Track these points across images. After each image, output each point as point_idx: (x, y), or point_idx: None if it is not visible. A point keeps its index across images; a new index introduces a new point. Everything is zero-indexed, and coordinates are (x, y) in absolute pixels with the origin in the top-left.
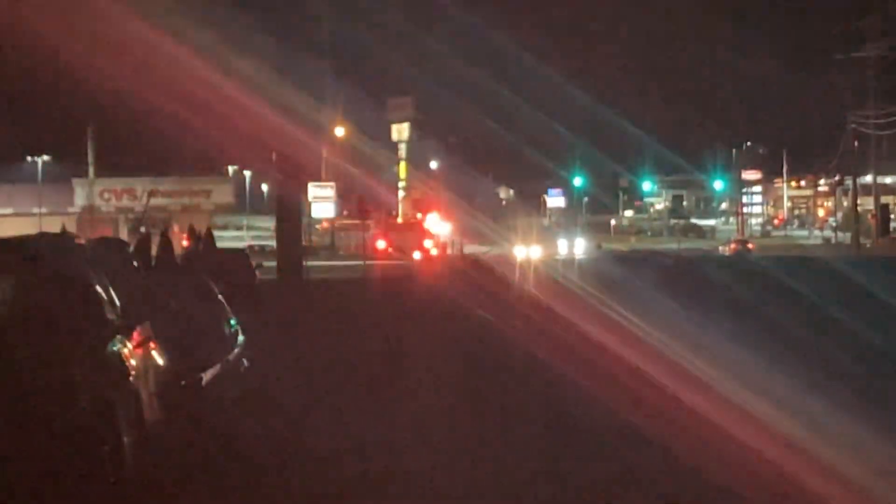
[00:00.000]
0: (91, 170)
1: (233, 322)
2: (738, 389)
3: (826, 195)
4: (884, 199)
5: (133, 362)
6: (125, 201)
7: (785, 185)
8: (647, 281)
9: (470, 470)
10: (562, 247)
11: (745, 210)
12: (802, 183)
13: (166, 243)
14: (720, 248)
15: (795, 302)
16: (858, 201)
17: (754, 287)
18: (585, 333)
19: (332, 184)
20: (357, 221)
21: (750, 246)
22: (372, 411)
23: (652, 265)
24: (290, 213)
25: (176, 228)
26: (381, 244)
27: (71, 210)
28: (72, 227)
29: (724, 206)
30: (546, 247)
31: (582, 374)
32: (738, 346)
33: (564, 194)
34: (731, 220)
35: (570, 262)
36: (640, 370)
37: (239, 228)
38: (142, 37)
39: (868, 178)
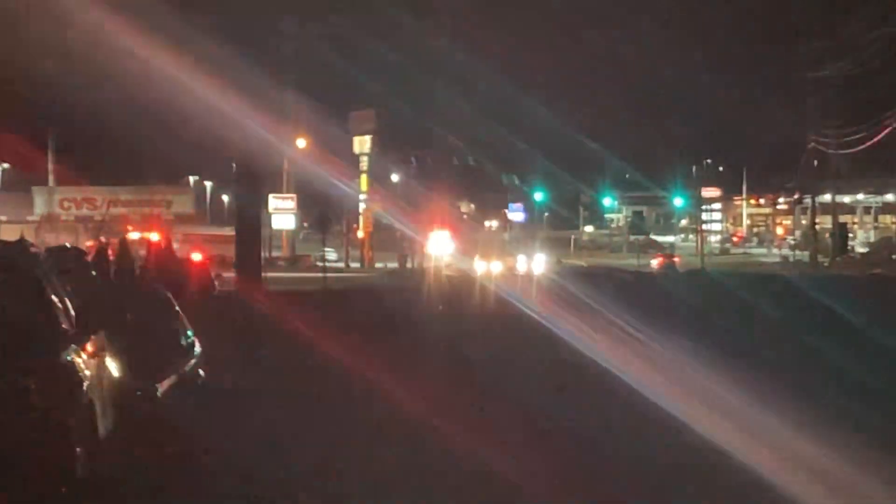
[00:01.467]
0: (51, 178)
1: (189, 333)
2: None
3: (785, 213)
4: (842, 218)
5: (87, 372)
6: (85, 210)
7: (744, 202)
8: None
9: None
10: (521, 262)
11: (704, 227)
12: (762, 201)
13: (125, 252)
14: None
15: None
16: (817, 220)
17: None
18: None
19: (293, 196)
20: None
21: (676, 260)
22: (327, 420)
23: (608, 280)
24: (249, 224)
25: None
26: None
27: (30, 218)
28: (31, 236)
29: (683, 222)
30: (506, 262)
31: None
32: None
33: (525, 209)
34: (691, 236)
35: (528, 277)
36: None
37: None
38: (104, 48)
39: (827, 197)
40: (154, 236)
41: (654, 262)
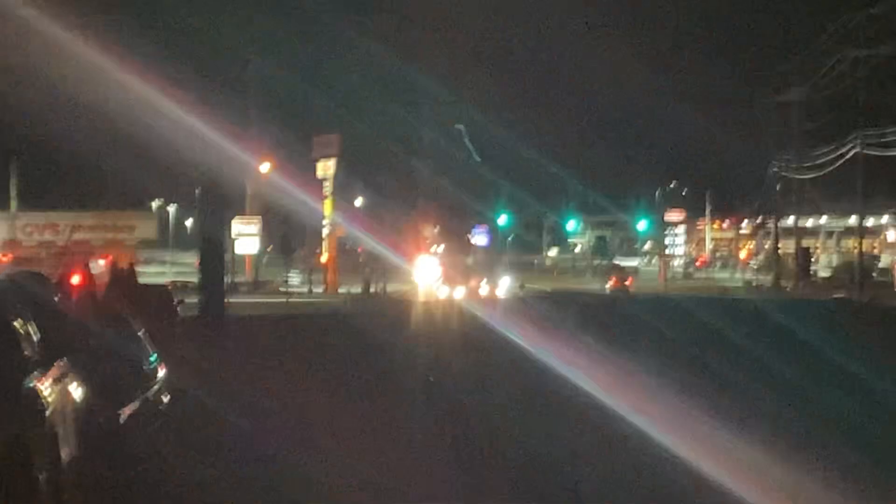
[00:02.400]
0: (13, 203)
1: (153, 358)
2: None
3: (748, 237)
4: (805, 242)
5: (50, 398)
6: (47, 236)
7: (707, 226)
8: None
9: None
10: (485, 286)
11: (668, 251)
12: (725, 224)
13: (88, 276)
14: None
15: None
16: (780, 244)
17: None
18: None
19: (257, 218)
20: None
21: (628, 283)
22: (292, 447)
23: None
24: (213, 249)
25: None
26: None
27: None
28: None
29: (647, 246)
30: (470, 286)
31: None
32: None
33: (489, 233)
34: (655, 260)
35: (491, 301)
36: None
37: (162, 264)
38: (66, 72)
39: (790, 221)
40: None
41: (608, 285)
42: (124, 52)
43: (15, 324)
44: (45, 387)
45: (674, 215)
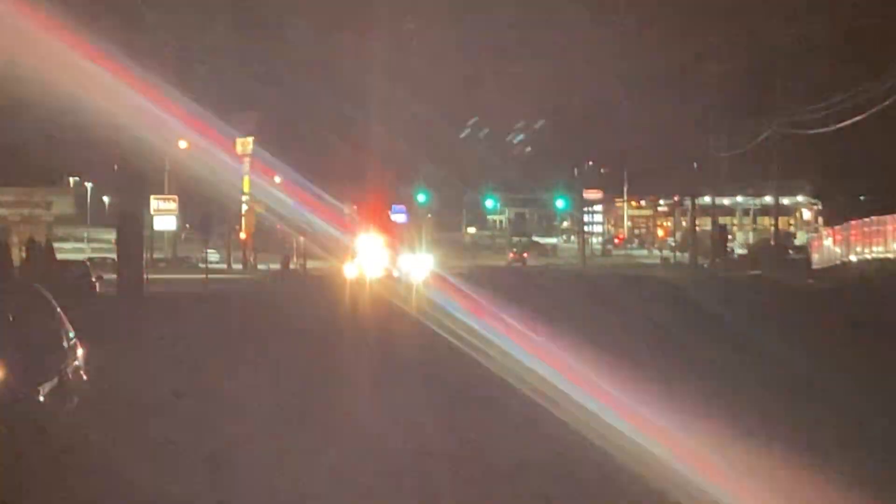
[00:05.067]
0: None
1: (71, 334)
2: None
3: (666, 215)
4: (721, 220)
5: None
6: None
7: (625, 204)
8: None
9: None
10: (404, 264)
11: (586, 229)
12: (643, 203)
13: (4, 254)
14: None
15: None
16: (697, 222)
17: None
18: None
19: (175, 197)
20: None
21: (525, 256)
22: (211, 422)
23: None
24: (131, 225)
25: (15, 239)
26: None
27: None
28: None
29: (565, 224)
30: (388, 263)
31: None
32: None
33: (408, 211)
34: (573, 238)
35: (410, 277)
36: None
37: (80, 241)
38: None
39: (706, 199)
40: None
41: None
42: (40, 24)
43: None
44: None
45: (592, 193)
